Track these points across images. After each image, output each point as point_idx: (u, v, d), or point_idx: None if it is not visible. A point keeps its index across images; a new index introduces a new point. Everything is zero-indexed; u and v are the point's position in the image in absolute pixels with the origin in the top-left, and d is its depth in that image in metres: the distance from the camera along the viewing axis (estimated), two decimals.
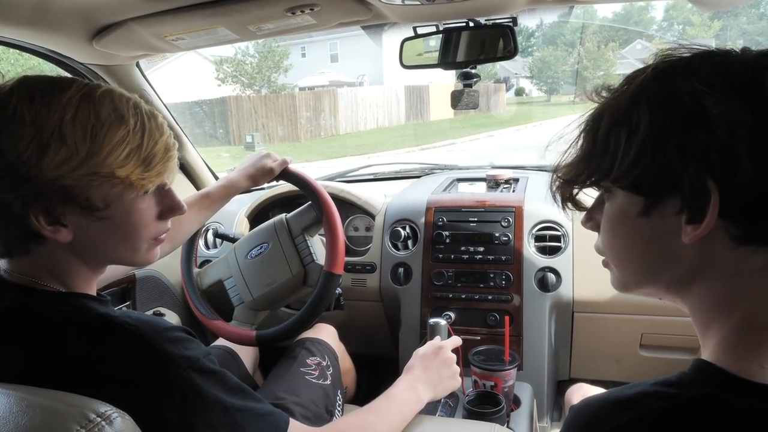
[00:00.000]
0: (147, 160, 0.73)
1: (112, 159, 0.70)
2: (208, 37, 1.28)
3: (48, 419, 0.55)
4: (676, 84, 0.52)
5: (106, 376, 0.67)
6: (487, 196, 1.71)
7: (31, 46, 1.25)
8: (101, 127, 0.69)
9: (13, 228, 0.70)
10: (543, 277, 1.55)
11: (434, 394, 1.14)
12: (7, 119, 0.66)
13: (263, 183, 1.39)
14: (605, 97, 0.59)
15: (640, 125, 0.52)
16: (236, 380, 0.77)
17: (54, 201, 0.69)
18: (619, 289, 0.64)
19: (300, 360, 1.43)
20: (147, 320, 0.73)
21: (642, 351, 1.59)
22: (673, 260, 0.56)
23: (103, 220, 0.73)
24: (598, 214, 0.63)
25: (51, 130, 0.66)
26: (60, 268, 0.75)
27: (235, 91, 22.09)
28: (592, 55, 28.49)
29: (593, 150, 0.58)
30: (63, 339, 0.69)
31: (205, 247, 1.87)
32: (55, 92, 0.69)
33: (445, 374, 1.17)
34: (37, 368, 0.68)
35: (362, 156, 12.94)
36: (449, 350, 1.21)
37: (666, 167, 0.51)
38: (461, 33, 1.38)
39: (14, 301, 0.72)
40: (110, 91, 0.73)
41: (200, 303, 1.44)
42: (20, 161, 0.66)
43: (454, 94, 1.53)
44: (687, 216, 0.52)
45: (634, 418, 0.49)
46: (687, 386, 0.50)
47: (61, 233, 0.71)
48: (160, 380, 0.69)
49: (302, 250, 1.39)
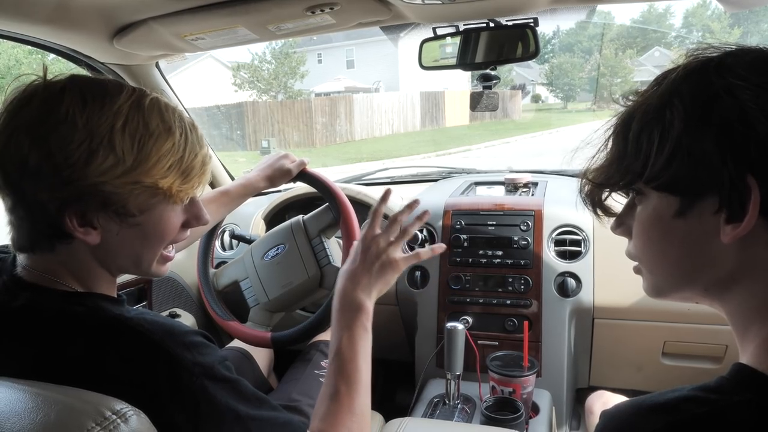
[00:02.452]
0: (186, 172, 0.74)
1: (157, 170, 0.71)
2: (227, 37, 1.28)
3: (63, 415, 0.54)
4: (710, 80, 0.51)
5: (117, 379, 0.66)
6: (506, 199, 1.69)
7: (51, 45, 1.26)
8: (149, 137, 0.70)
9: (43, 226, 0.70)
10: (563, 282, 1.52)
11: (378, 292, 0.97)
12: (59, 121, 0.66)
13: (280, 184, 1.39)
14: (633, 101, 0.58)
15: (674, 122, 0.51)
16: (252, 388, 0.75)
17: (91, 205, 0.69)
18: (653, 294, 0.62)
19: (314, 362, 1.41)
20: (162, 323, 0.72)
21: (664, 359, 1.55)
22: (711, 262, 0.54)
23: (134, 226, 0.73)
24: (629, 219, 0.62)
25: (101, 137, 0.67)
26: (81, 268, 0.75)
27: (252, 96, 22.30)
28: (610, 63, 28.35)
29: (624, 152, 0.56)
30: (75, 340, 0.68)
31: (222, 249, 1.87)
32: (107, 98, 0.69)
33: (376, 268, 0.96)
34: (49, 368, 0.67)
35: (377, 162, 12.96)
36: (370, 235, 0.99)
37: (703, 164, 0.50)
38: (480, 33, 1.37)
39: (29, 300, 0.71)
40: (157, 100, 0.74)
41: (216, 304, 1.43)
42: (67, 164, 0.66)
43: (474, 96, 1.51)
44: (726, 215, 0.50)
45: (673, 423, 0.47)
46: (727, 392, 0.48)
47: (90, 235, 0.71)
48: (172, 387, 0.67)
49: (319, 252, 1.38)
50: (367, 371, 0.90)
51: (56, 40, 1.25)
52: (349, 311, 0.93)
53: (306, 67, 23.56)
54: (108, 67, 1.45)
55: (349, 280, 0.96)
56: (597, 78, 28.03)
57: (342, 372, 0.87)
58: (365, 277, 0.96)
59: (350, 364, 0.88)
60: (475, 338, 1.49)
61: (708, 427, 0.46)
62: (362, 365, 0.89)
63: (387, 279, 0.97)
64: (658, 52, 31.93)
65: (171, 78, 1.67)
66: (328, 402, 0.85)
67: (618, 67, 27.73)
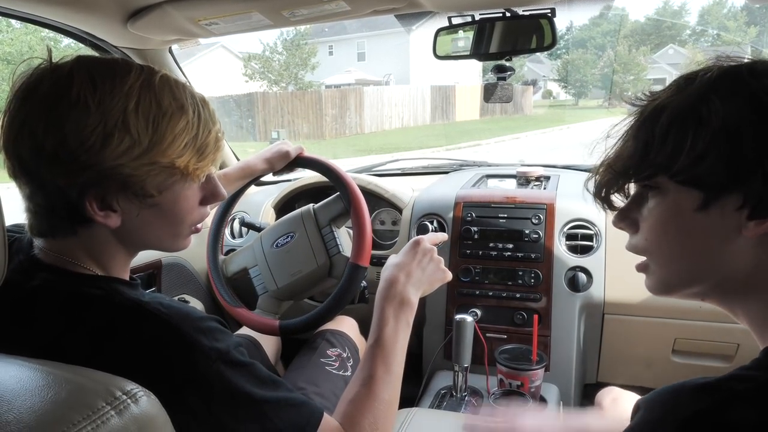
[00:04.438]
0: (201, 149, 0.74)
1: (173, 149, 0.70)
2: (241, 22, 1.28)
3: (74, 394, 0.54)
4: (747, 81, 0.52)
5: (132, 362, 0.66)
6: (518, 192, 1.68)
7: (66, 27, 1.26)
8: (163, 117, 0.69)
9: (64, 211, 0.70)
10: (573, 277, 1.51)
11: (423, 293, 1.03)
12: (71, 105, 0.65)
13: (279, 167, 1.41)
14: (654, 98, 0.59)
15: (711, 119, 0.52)
16: (267, 372, 0.75)
17: (110, 188, 0.69)
18: (659, 291, 0.63)
19: (321, 351, 1.41)
20: (179, 308, 0.71)
21: (674, 357, 1.54)
22: (729, 258, 0.55)
23: (153, 207, 0.73)
24: (635, 213, 0.63)
25: (115, 120, 0.66)
26: (100, 250, 0.75)
27: (262, 87, 22.29)
28: (623, 59, 28.10)
29: (651, 144, 0.57)
30: (91, 323, 0.68)
31: (231, 236, 1.87)
32: (117, 78, 0.68)
33: (430, 269, 1.04)
34: (63, 349, 0.66)
35: (387, 155, 12.94)
36: (427, 243, 1.06)
37: (738, 162, 0.51)
38: (495, 24, 1.35)
39: (46, 281, 0.71)
40: (167, 78, 0.73)
41: (225, 290, 1.44)
42: (83, 149, 0.65)
43: (488, 87, 1.50)
44: (750, 210, 0.52)
45: (719, 400, 0.48)
46: (765, 368, 0.50)
47: (111, 218, 0.71)
48: (188, 371, 0.67)
49: (329, 241, 1.37)
50: (402, 364, 0.92)
51: (70, 23, 1.25)
52: (399, 303, 0.96)
53: (317, 59, 23.52)
54: (121, 51, 1.44)
55: (403, 272, 0.99)
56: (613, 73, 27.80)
57: (381, 359, 0.89)
58: (418, 273, 1.01)
59: (390, 353, 0.90)
60: (483, 331, 1.49)
61: (752, 401, 0.47)
62: (400, 357, 0.92)
63: (434, 283, 1.04)
64: (672, 49, 31.62)
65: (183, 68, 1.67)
66: (360, 387, 0.86)
67: (631, 64, 27.49)
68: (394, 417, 0.89)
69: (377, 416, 0.83)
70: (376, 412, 0.83)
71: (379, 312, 0.96)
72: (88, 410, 0.52)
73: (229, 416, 0.69)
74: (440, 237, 1.14)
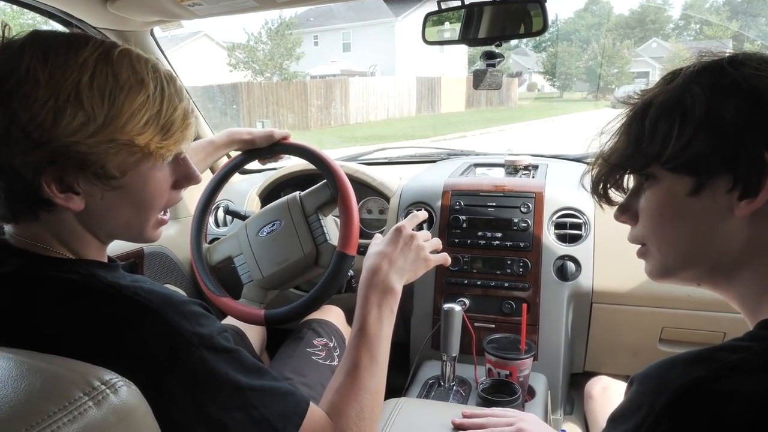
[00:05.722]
0: (166, 127, 0.69)
1: (131, 126, 0.66)
2: (226, 3, 1.24)
3: (49, 384, 0.51)
4: (726, 71, 0.56)
5: (111, 349, 0.63)
6: (506, 181, 1.66)
7: (43, 6, 1.21)
8: (120, 91, 0.65)
9: (22, 193, 0.66)
10: (562, 266, 1.50)
11: (407, 280, 1.01)
12: (20, 79, 0.61)
13: (262, 144, 1.38)
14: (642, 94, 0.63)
15: (695, 107, 0.56)
16: (252, 359, 0.73)
17: (68, 168, 0.64)
18: (659, 275, 0.66)
19: (307, 341, 1.39)
20: (160, 292, 0.69)
21: (661, 345, 1.54)
22: (722, 238, 0.58)
23: (118, 189, 0.69)
24: (635, 204, 0.66)
25: (67, 93, 0.62)
26: (69, 235, 0.71)
27: (247, 77, 22.07)
28: (607, 53, 28.31)
29: (642, 136, 0.60)
30: (68, 308, 0.65)
31: (215, 225, 1.83)
32: (71, 51, 0.64)
33: (412, 256, 1.01)
34: (39, 337, 0.64)
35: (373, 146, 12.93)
36: (409, 229, 1.04)
37: (722, 143, 0.55)
38: (483, 8, 1.33)
39: (20, 266, 0.68)
40: (128, 51, 0.68)
41: (209, 279, 1.40)
42: (33, 125, 0.61)
43: (477, 74, 1.48)
44: (740, 191, 0.55)
45: (714, 369, 0.49)
46: (760, 339, 0.52)
47: (73, 201, 0.67)
48: (170, 357, 0.64)
49: (315, 230, 1.35)
50: (387, 352, 0.91)
51: (48, 2, 1.21)
52: (382, 291, 0.95)
53: (302, 49, 23.35)
54: (101, 32, 1.40)
55: (386, 260, 0.98)
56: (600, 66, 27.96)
57: (365, 348, 0.88)
58: (400, 261, 0.99)
59: (374, 341, 0.89)
60: (471, 320, 1.47)
61: (750, 368, 0.48)
62: (385, 345, 0.91)
63: (417, 270, 1.02)
64: (655, 43, 31.88)
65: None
66: (345, 376, 0.85)
67: (615, 57, 27.68)
68: (380, 406, 0.87)
69: (363, 405, 0.82)
70: (362, 402, 0.82)
71: (362, 301, 0.94)
72: (65, 401, 0.49)
73: (213, 404, 0.66)
74: (420, 217, 1.13)
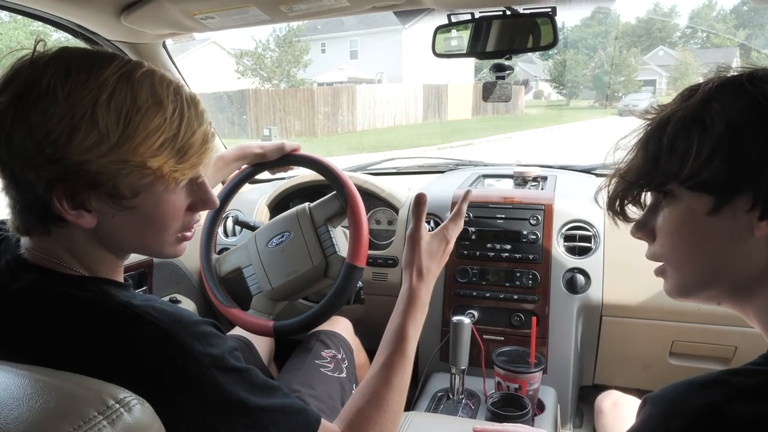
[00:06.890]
0: (182, 151, 0.68)
1: (145, 148, 0.65)
2: (238, 17, 1.24)
3: (64, 403, 0.51)
4: (746, 88, 0.55)
5: (123, 369, 0.63)
6: (516, 192, 1.66)
7: (58, 19, 1.22)
8: (136, 112, 0.64)
9: (35, 207, 0.66)
10: (571, 278, 1.50)
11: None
12: (40, 94, 0.62)
13: (273, 157, 1.39)
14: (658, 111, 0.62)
15: (714, 124, 0.55)
16: (263, 377, 0.72)
17: (79, 186, 0.65)
18: (678, 294, 0.65)
19: (315, 352, 1.39)
20: (171, 312, 0.68)
21: (672, 359, 1.53)
22: (742, 259, 0.56)
23: (130, 209, 0.69)
24: (652, 222, 0.65)
25: (83, 112, 0.62)
26: (82, 251, 0.71)
27: (255, 84, 22.19)
28: (615, 61, 28.27)
29: (660, 153, 0.59)
30: (80, 327, 0.65)
31: (225, 235, 1.84)
32: (93, 69, 0.64)
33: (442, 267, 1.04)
34: (52, 355, 0.64)
35: (380, 153, 12.94)
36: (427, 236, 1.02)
37: (743, 163, 0.53)
38: (492, 22, 1.33)
39: (33, 282, 0.68)
40: (152, 72, 0.68)
41: (218, 290, 1.41)
42: (48, 140, 0.62)
43: (486, 86, 1.48)
44: (761, 211, 0.53)
45: (731, 393, 0.48)
46: None
47: (84, 218, 0.67)
48: (181, 378, 0.64)
49: (324, 241, 1.35)
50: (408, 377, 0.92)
51: (62, 14, 1.22)
52: (422, 309, 0.97)
53: (309, 56, 23.44)
54: (114, 45, 1.41)
55: (432, 277, 1.00)
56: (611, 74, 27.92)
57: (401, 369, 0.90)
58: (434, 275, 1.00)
59: (409, 364, 0.91)
60: (480, 332, 1.47)
61: (764, 393, 0.48)
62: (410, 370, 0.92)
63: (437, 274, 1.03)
64: (662, 51, 31.83)
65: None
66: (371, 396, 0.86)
67: (622, 65, 27.65)
68: (397, 427, 0.88)
69: (384, 428, 0.83)
70: (383, 424, 0.83)
71: (402, 314, 0.95)
72: (80, 420, 0.49)
73: (223, 424, 0.66)
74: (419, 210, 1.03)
